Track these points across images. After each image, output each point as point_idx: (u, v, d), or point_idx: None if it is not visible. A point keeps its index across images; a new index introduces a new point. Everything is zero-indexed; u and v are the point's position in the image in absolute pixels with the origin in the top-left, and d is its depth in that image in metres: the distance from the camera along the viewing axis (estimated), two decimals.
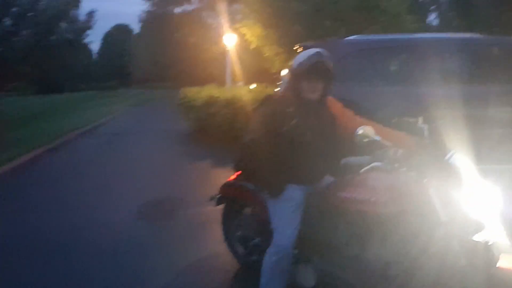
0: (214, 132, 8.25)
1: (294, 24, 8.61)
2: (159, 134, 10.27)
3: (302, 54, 2.36)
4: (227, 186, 3.00)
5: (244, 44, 10.99)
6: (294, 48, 4.87)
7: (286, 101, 2.40)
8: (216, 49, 14.32)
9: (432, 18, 30.98)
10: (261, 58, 10.80)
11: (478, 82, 4.34)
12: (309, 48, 2.39)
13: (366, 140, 2.04)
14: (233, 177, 2.98)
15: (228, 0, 17.55)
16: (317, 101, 2.38)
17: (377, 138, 2.06)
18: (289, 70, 2.43)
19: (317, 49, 2.35)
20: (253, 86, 9.41)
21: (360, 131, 2.07)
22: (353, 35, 4.76)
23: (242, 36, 10.62)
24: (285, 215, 2.40)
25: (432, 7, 30.77)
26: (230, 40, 10.45)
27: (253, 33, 9.97)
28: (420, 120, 2.38)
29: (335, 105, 2.55)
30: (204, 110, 8.63)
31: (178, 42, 26.72)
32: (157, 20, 30.16)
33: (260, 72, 11.17)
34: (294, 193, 2.41)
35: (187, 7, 30.75)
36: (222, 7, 16.83)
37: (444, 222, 1.80)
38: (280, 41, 9.36)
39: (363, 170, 1.92)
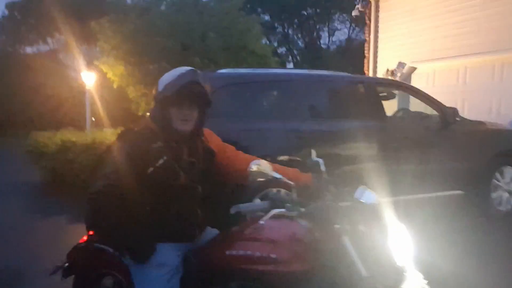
0: (71, 181, 7.10)
1: (160, 61, 8.11)
2: (1, 189, 8.53)
3: (170, 74, 1.85)
4: (77, 251, 2.23)
5: (107, 84, 10.03)
6: None
7: (150, 134, 1.84)
8: (76, 91, 12.92)
9: (290, 67, 34.08)
10: (126, 99, 9.96)
11: (350, 117, 4.38)
12: None
13: (261, 179, 1.60)
14: (84, 238, 2.25)
15: (88, 41, 16.34)
16: (191, 134, 1.88)
17: (276, 175, 1.64)
18: (154, 95, 1.91)
19: (189, 68, 1.88)
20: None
21: (253, 167, 1.63)
22: None
23: (104, 75, 9.70)
24: (157, 286, 1.79)
25: (289, 59, 33.92)
26: (88, 78, 9.41)
27: (115, 71, 9.13)
28: (314, 153, 2.05)
29: (212, 139, 2.08)
30: (59, 157, 7.44)
31: (31, 84, 23.83)
32: (4, 60, 26.69)
33: (126, 114, 10.28)
34: (167, 255, 1.82)
35: (42, 47, 28.07)
36: (82, 49, 15.56)
37: (366, 277, 1.42)
38: (146, 80, 8.73)
39: (263, 219, 1.46)
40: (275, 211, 1.45)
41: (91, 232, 2.15)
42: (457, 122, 4.75)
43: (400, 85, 5.07)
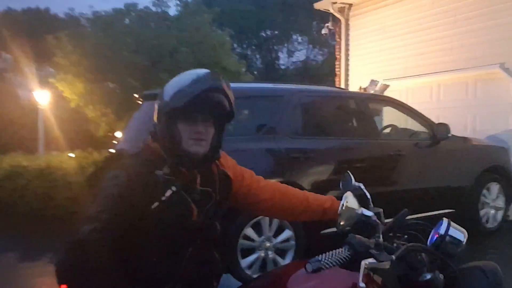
0: (22, 212, 6.29)
1: (125, 78, 7.54)
2: None
3: (181, 78, 1.40)
4: None
5: (62, 103, 9.26)
6: (136, 96, 3.91)
7: (153, 158, 1.38)
8: (27, 111, 11.89)
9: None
10: (84, 120, 9.21)
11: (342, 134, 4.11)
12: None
13: (342, 222, 1.21)
14: None
15: (40, 59, 15.31)
16: (205, 157, 1.43)
17: (366, 212, 1.24)
18: (157, 106, 1.45)
19: (206, 70, 1.45)
20: (71, 154, 7.65)
21: (344, 202, 1.22)
22: None
23: (59, 93, 8.95)
24: None
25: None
26: (42, 97, 8.61)
27: (73, 90, 8.42)
28: (352, 176, 1.66)
29: (228, 162, 1.62)
30: (6, 185, 6.59)
31: None
32: None
33: (84, 136, 9.50)
34: None
35: None
36: (33, 67, 14.49)
37: None
38: (107, 98, 8.10)
39: (361, 281, 1.04)
40: (367, 262, 1.04)
41: (63, 287, 1.63)
42: (446, 138, 4.61)
43: (391, 101, 4.88)
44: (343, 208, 1.27)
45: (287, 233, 3.61)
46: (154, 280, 1.35)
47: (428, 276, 1.10)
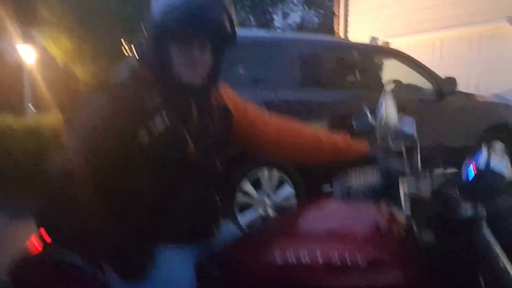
0: (11, 174, 6.11)
1: (117, 33, 7.17)
2: None
3: None
4: (26, 265, 1.50)
5: (50, 62, 8.87)
6: (124, 44, 3.67)
7: (141, 86, 1.18)
8: (10, 69, 11.46)
9: None
10: (74, 79, 8.86)
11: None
12: None
13: (390, 137, 1.05)
14: (37, 245, 1.52)
15: (24, 16, 14.65)
16: (202, 87, 1.22)
17: (407, 129, 1.08)
18: (145, 26, 1.24)
19: None
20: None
21: (384, 114, 1.06)
22: None
23: (46, 50, 8.55)
24: None
25: None
26: (27, 55, 8.19)
27: (59, 45, 8.03)
28: (368, 112, 1.50)
29: (228, 94, 1.43)
30: None
31: None
32: None
33: (74, 96, 9.14)
34: (173, 266, 1.18)
35: None
36: (16, 24, 13.82)
37: None
38: (98, 56, 7.75)
39: (404, 203, 0.87)
40: (407, 189, 0.86)
41: (45, 236, 1.45)
42: (453, 94, 4.44)
43: (396, 54, 4.66)
44: (382, 121, 1.09)
45: (287, 189, 3.48)
46: (146, 223, 1.19)
47: (470, 212, 0.94)
